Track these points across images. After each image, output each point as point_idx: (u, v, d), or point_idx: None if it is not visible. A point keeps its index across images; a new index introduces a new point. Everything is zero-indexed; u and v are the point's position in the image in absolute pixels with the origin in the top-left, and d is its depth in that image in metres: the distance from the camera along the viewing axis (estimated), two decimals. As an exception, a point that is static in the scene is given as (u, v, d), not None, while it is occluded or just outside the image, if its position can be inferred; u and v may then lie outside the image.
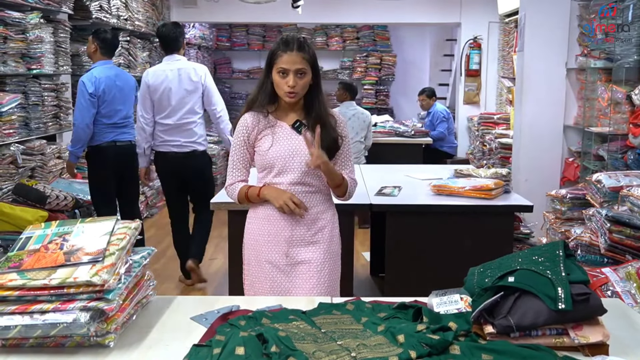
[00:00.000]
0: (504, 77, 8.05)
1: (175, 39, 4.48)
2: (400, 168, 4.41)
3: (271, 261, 2.41)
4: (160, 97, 4.39)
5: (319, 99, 2.42)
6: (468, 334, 1.47)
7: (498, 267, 1.59)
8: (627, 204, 2.97)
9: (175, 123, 4.41)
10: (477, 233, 3.28)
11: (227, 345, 1.37)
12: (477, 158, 7.47)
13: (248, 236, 2.50)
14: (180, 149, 4.47)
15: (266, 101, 2.40)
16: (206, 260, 5.34)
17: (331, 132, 2.38)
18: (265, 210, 2.41)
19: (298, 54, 2.32)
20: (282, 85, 2.33)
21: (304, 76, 2.34)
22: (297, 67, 2.31)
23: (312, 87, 2.40)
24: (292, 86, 2.31)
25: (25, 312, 1.45)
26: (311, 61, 2.35)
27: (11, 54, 4.23)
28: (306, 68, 2.33)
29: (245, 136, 2.42)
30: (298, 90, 2.34)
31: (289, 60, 2.31)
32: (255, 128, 2.41)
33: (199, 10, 8.56)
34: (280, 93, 2.37)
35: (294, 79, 2.31)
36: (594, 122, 4.57)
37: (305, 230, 2.40)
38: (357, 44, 10.66)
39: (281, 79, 2.33)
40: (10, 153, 4.19)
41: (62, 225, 1.68)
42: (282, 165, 2.37)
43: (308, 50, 2.36)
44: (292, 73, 2.30)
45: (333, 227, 2.49)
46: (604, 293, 2.37)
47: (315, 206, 2.42)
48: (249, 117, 2.43)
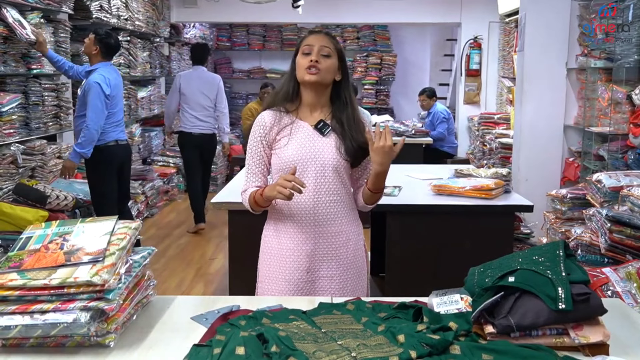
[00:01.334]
0: (504, 77, 8.05)
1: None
2: (401, 168, 4.41)
3: (289, 280, 2.16)
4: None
5: (348, 98, 2.20)
6: (468, 334, 1.47)
7: (498, 267, 1.59)
8: (627, 204, 2.97)
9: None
10: (477, 233, 3.28)
11: (227, 345, 1.37)
12: (478, 158, 7.47)
13: (265, 254, 2.25)
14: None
15: (288, 98, 2.19)
16: (206, 260, 5.35)
17: (360, 137, 2.14)
18: (283, 222, 2.18)
19: (325, 36, 2.17)
20: (304, 63, 2.11)
21: (329, 58, 2.13)
22: (322, 45, 2.12)
23: (339, 84, 2.20)
24: (314, 60, 2.09)
25: (25, 312, 1.45)
26: (338, 49, 2.17)
27: (12, 54, 4.23)
28: (332, 51, 2.14)
29: (261, 135, 2.18)
30: (320, 67, 2.10)
31: (315, 39, 2.14)
32: (275, 127, 2.17)
33: (199, 10, 8.56)
34: (300, 75, 2.14)
35: (317, 53, 2.10)
36: (594, 122, 4.57)
37: (328, 245, 2.17)
38: (358, 43, 10.66)
39: (304, 58, 2.12)
40: (10, 153, 4.19)
41: (62, 225, 1.68)
42: (301, 170, 2.11)
43: (336, 41, 2.20)
44: (316, 48, 2.11)
45: (358, 240, 2.25)
46: (604, 293, 2.37)
47: (338, 217, 2.17)
48: (267, 115, 2.20)
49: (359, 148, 2.14)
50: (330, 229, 2.17)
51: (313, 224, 2.15)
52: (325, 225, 2.16)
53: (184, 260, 5.31)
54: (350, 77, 2.38)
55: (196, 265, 5.17)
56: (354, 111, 2.19)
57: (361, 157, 2.18)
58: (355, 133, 2.14)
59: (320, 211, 2.15)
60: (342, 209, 2.19)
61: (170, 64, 8.34)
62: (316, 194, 2.14)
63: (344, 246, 2.20)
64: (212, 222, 6.54)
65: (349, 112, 2.18)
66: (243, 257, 3.25)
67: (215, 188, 8.02)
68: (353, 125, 2.16)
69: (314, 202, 2.14)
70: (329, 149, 2.14)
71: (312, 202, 2.14)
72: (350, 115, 2.17)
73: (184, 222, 6.62)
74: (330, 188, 2.15)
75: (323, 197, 2.14)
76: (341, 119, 2.17)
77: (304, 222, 2.15)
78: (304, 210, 2.15)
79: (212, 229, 6.36)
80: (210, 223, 6.51)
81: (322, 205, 2.14)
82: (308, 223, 2.15)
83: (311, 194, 2.13)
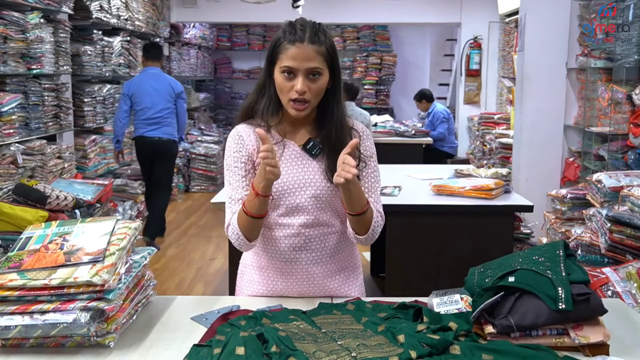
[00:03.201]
0: (504, 77, 8.06)
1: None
2: (401, 168, 4.41)
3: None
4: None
5: (338, 109, 1.79)
6: (468, 334, 1.47)
7: (498, 267, 1.59)
8: (627, 204, 2.97)
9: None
10: (477, 233, 3.28)
11: (227, 345, 1.37)
12: (478, 158, 7.47)
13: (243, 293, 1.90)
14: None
15: (268, 111, 1.77)
16: (206, 260, 5.35)
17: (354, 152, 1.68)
18: (269, 260, 1.83)
19: (311, 47, 1.68)
20: (286, 90, 1.70)
21: (319, 78, 1.71)
22: (309, 66, 1.68)
23: (329, 92, 1.77)
24: (300, 91, 1.68)
25: (25, 312, 1.44)
26: (328, 57, 1.72)
27: (11, 54, 4.23)
28: (321, 67, 1.70)
29: (242, 155, 1.77)
30: (309, 98, 1.70)
31: (298, 56, 1.67)
32: (255, 145, 1.77)
33: (199, 10, 8.57)
34: (283, 101, 1.73)
35: (304, 81, 1.68)
36: (594, 122, 4.56)
37: (327, 285, 1.84)
38: (358, 43, 10.67)
39: (286, 81, 1.70)
40: (10, 153, 4.19)
41: (62, 225, 1.68)
42: (291, 201, 1.76)
43: (325, 40, 1.72)
44: (301, 74, 1.68)
45: (359, 280, 1.93)
46: (605, 293, 2.36)
47: (336, 253, 1.83)
48: (243, 130, 1.80)
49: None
50: (324, 268, 1.82)
51: (305, 261, 1.80)
52: (318, 262, 1.81)
53: (184, 260, 5.31)
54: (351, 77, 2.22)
55: (196, 265, 5.17)
56: (341, 126, 1.79)
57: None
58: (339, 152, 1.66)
59: (314, 247, 1.80)
60: (339, 241, 1.84)
61: (170, 64, 8.34)
62: (307, 229, 1.78)
63: (343, 286, 1.87)
64: (212, 222, 6.55)
65: (335, 128, 1.78)
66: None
67: (215, 188, 8.03)
68: (340, 143, 1.73)
69: (306, 237, 1.79)
70: (318, 174, 1.78)
71: (302, 239, 1.79)
72: (336, 133, 1.78)
73: (184, 222, 6.62)
74: (325, 219, 1.80)
75: (317, 229, 1.79)
76: (329, 134, 1.78)
77: (295, 260, 1.80)
78: (294, 246, 1.80)
79: (212, 229, 6.36)
80: (210, 223, 6.51)
81: (315, 240, 1.80)
82: (300, 261, 1.80)
83: (303, 228, 1.78)
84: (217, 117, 11.08)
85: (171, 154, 5.64)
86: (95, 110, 5.74)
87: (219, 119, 11.06)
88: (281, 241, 1.80)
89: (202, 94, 10.36)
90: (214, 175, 8.37)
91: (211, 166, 8.34)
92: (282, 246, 1.80)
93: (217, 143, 8.65)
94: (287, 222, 1.78)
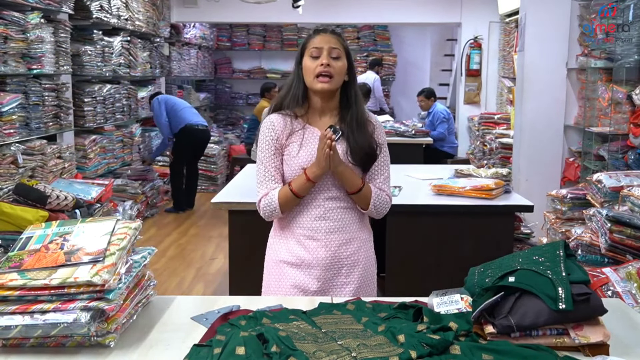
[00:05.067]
0: (504, 77, 8.06)
1: None
2: (401, 168, 4.41)
3: (299, 286, 2.12)
4: None
5: (356, 100, 2.13)
6: (468, 334, 1.47)
7: (498, 267, 1.59)
8: (627, 204, 2.97)
9: None
10: (477, 233, 3.28)
11: (227, 345, 1.37)
12: (478, 158, 7.47)
13: (272, 261, 2.19)
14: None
15: (295, 102, 2.11)
16: (206, 260, 5.36)
17: (369, 139, 2.10)
18: (293, 229, 2.13)
19: (332, 35, 2.08)
20: (313, 67, 2.04)
21: (339, 60, 2.06)
22: (332, 46, 2.05)
23: (347, 84, 2.12)
24: (325, 64, 2.02)
25: (25, 312, 1.45)
26: (346, 49, 2.10)
27: (12, 54, 4.23)
28: (341, 52, 2.06)
29: (273, 139, 2.10)
30: (333, 73, 2.04)
31: (322, 40, 2.05)
32: (285, 131, 2.10)
33: (199, 10, 8.57)
34: (310, 81, 2.06)
35: (327, 57, 2.03)
36: (594, 122, 4.57)
37: (341, 252, 2.12)
38: (358, 43, 10.68)
39: (313, 61, 2.05)
40: (10, 153, 4.19)
41: (62, 225, 1.68)
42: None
43: (343, 38, 2.13)
44: (325, 51, 2.04)
45: (368, 248, 2.21)
46: (605, 293, 2.36)
47: (350, 224, 2.13)
48: (275, 118, 2.12)
49: (365, 153, 2.09)
50: (341, 236, 2.12)
51: (325, 230, 2.10)
52: (336, 231, 2.11)
53: (184, 260, 5.31)
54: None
55: (196, 265, 5.17)
56: (361, 114, 2.12)
57: (369, 162, 2.12)
58: (361, 137, 2.08)
59: (332, 217, 2.10)
60: (353, 216, 2.14)
61: (171, 64, 8.34)
62: (328, 200, 2.10)
63: (356, 254, 2.15)
64: (212, 222, 6.55)
65: (356, 115, 2.10)
66: (243, 257, 3.26)
67: (215, 188, 8.03)
68: (360, 128, 2.09)
69: (325, 208, 2.10)
70: (342, 155, 2.07)
71: (323, 209, 2.10)
72: (357, 118, 2.10)
73: (184, 222, 6.62)
74: (342, 195, 2.11)
75: (334, 203, 2.10)
76: (350, 122, 2.10)
77: (316, 229, 2.10)
78: (315, 216, 2.10)
79: (212, 229, 6.36)
80: (210, 223, 6.52)
81: (333, 212, 2.10)
82: (320, 230, 2.10)
83: (323, 199, 2.09)
84: (218, 117, 11.08)
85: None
86: (95, 110, 5.75)
87: (219, 119, 11.05)
88: (305, 212, 2.11)
89: (202, 94, 10.36)
90: (214, 175, 8.36)
91: (212, 166, 8.33)
92: (305, 216, 2.11)
93: (218, 143, 8.63)
94: (310, 196, 2.09)
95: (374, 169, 2.15)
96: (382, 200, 2.14)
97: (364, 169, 2.13)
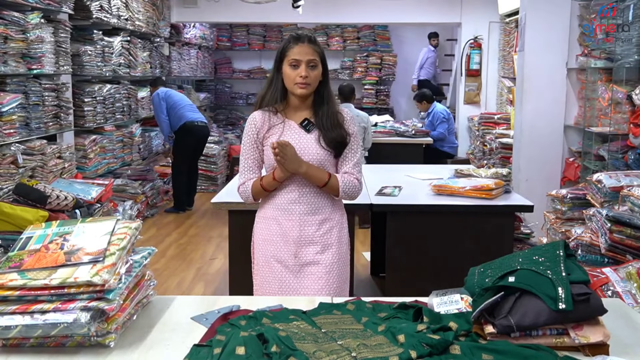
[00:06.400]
0: (504, 77, 8.06)
1: None
2: (401, 168, 4.41)
3: (280, 260, 2.39)
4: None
5: (328, 97, 2.43)
6: (468, 334, 1.47)
7: (498, 267, 1.59)
8: (627, 204, 2.97)
9: None
10: (477, 233, 3.28)
11: (227, 345, 1.37)
12: (478, 158, 7.47)
13: (257, 236, 2.49)
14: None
15: (275, 98, 2.41)
16: (206, 260, 5.35)
17: (340, 131, 2.39)
18: (273, 210, 2.41)
19: (309, 45, 2.35)
20: (293, 77, 2.34)
21: (315, 68, 2.35)
22: (309, 58, 2.33)
23: (320, 84, 2.41)
24: (304, 76, 2.32)
25: (25, 312, 1.45)
26: (321, 55, 2.38)
27: (12, 54, 4.23)
28: (317, 60, 2.35)
29: (254, 134, 2.41)
30: (310, 82, 2.34)
31: (301, 52, 2.33)
32: (265, 125, 2.40)
33: (199, 10, 8.56)
34: (290, 86, 2.37)
35: (306, 69, 2.32)
36: (594, 122, 4.57)
37: (314, 231, 2.39)
38: (358, 43, 10.67)
39: (292, 71, 2.34)
40: (10, 153, 4.19)
41: (62, 225, 1.68)
42: None
43: (318, 44, 2.40)
44: (304, 63, 2.32)
45: (342, 228, 2.48)
46: (605, 293, 2.37)
47: (323, 207, 2.41)
48: (257, 115, 2.43)
49: (336, 141, 2.38)
50: (315, 217, 2.39)
51: (299, 212, 2.38)
52: (310, 213, 2.39)
53: (184, 260, 5.31)
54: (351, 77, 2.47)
55: (196, 265, 5.17)
56: (332, 108, 2.41)
57: (340, 148, 2.40)
58: (331, 127, 2.38)
59: (306, 200, 2.39)
60: (326, 199, 2.42)
61: (171, 64, 8.34)
62: (302, 185, 2.38)
63: (328, 232, 2.42)
64: (212, 222, 6.55)
65: (327, 109, 2.40)
66: (243, 257, 3.24)
67: (215, 188, 8.03)
68: (330, 120, 2.39)
69: (300, 192, 2.38)
70: (313, 143, 2.37)
71: (297, 193, 2.38)
72: (327, 112, 2.40)
73: (184, 222, 6.62)
74: None
75: (309, 187, 2.38)
76: (321, 116, 2.40)
77: (291, 210, 2.39)
78: (290, 200, 2.39)
79: (212, 229, 6.36)
80: (210, 223, 6.51)
81: (307, 196, 2.39)
82: (295, 212, 2.38)
83: (297, 185, 2.38)
84: (218, 117, 11.07)
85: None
86: (95, 110, 5.74)
87: (219, 119, 11.04)
88: (282, 195, 2.40)
89: (202, 94, 10.35)
90: (214, 175, 8.36)
91: (212, 166, 8.32)
92: (282, 199, 2.40)
93: (218, 143, 8.62)
94: (286, 181, 2.37)
95: (345, 155, 2.43)
96: (351, 185, 2.41)
97: (336, 154, 2.41)
